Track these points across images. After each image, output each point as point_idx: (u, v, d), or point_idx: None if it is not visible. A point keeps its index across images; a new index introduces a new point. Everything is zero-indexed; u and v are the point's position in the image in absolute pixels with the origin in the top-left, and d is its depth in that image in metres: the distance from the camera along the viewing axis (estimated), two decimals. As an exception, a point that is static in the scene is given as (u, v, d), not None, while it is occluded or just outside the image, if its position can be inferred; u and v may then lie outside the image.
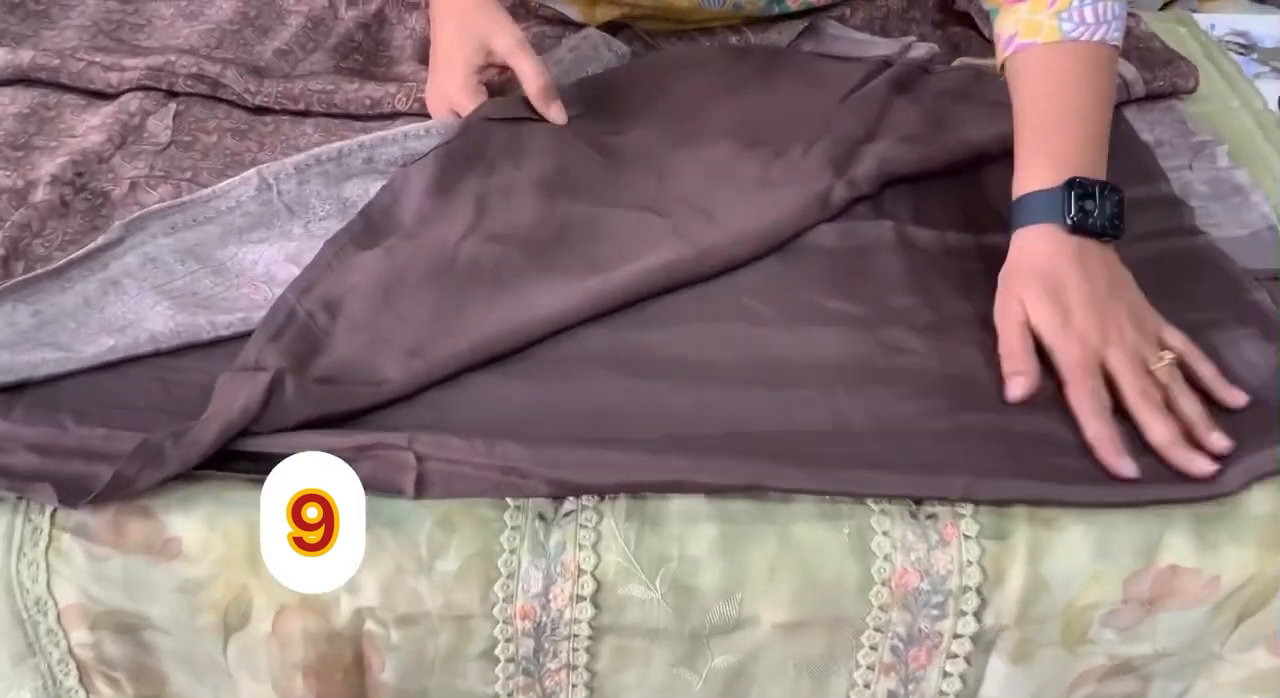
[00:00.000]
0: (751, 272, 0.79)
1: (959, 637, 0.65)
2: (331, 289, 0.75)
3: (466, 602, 0.64)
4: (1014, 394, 0.69)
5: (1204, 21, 1.18)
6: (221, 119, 0.94)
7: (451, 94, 0.91)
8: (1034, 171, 0.76)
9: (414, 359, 0.70)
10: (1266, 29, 1.21)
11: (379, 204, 0.82)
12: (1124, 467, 0.65)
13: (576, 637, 0.65)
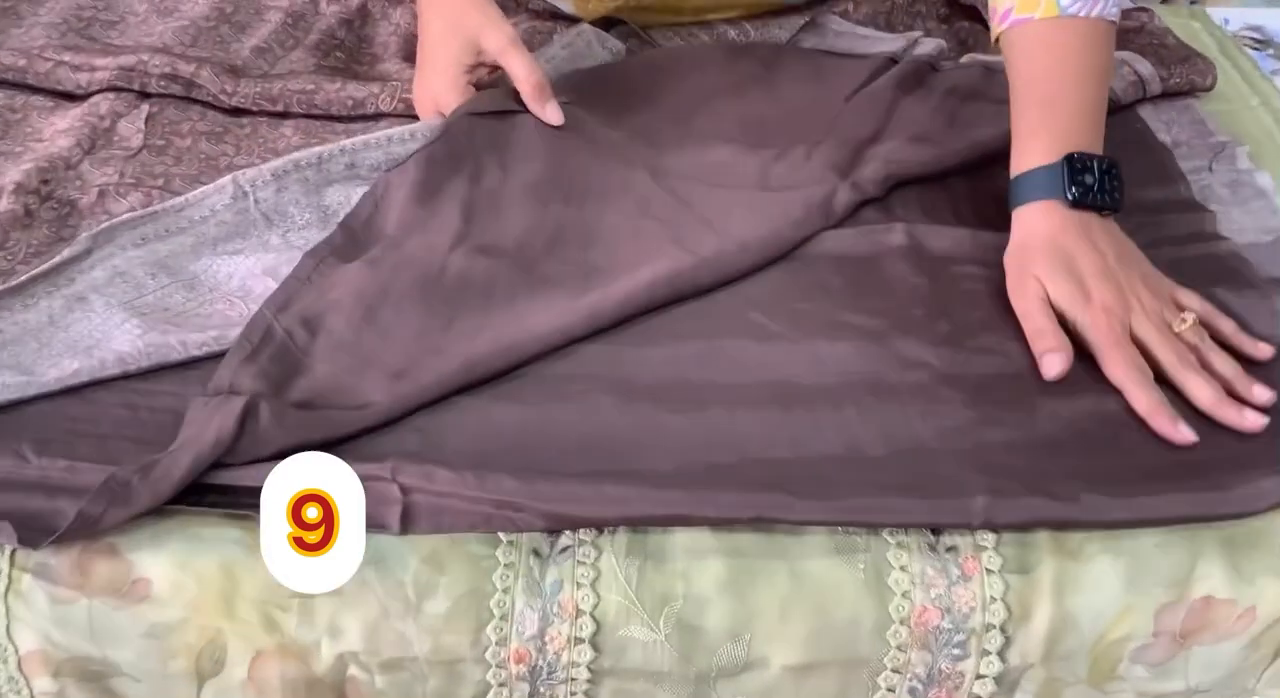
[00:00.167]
0: (756, 282, 0.76)
1: (981, 677, 0.62)
2: (311, 305, 0.72)
3: (456, 645, 0.61)
4: (1051, 372, 0.68)
5: (1216, 16, 1.14)
6: (196, 121, 0.91)
7: (439, 94, 0.88)
8: (1033, 148, 0.76)
9: (399, 381, 0.67)
10: (1283, 23, 1.18)
11: (360, 213, 0.79)
12: (1182, 433, 0.65)
13: (575, 681, 0.62)
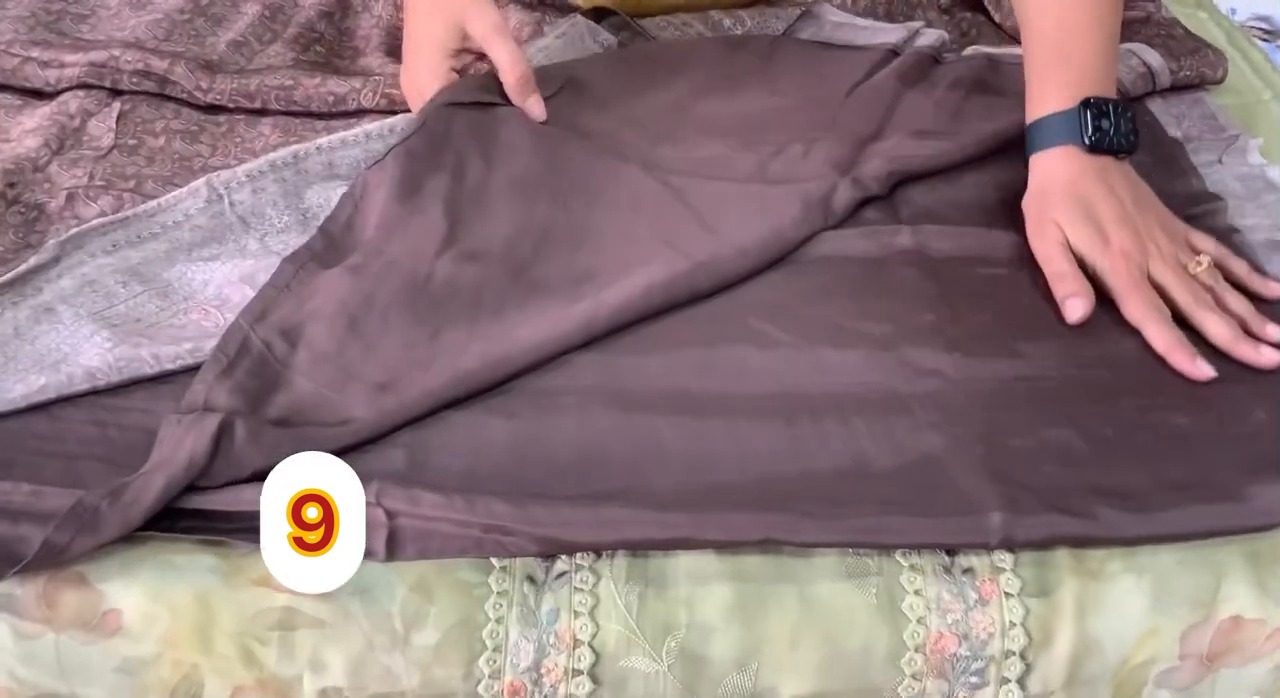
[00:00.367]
0: (757, 287, 0.73)
1: (1000, 706, 0.59)
2: (290, 315, 0.68)
3: (447, 679, 0.58)
4: (1074, 316, 0.70)
5: (1223, 5, 1.11)
6: (170, 120, 0.87)
7: (422, 83, 0.84)
8: (1048, 93, 0.77)
9: (383, 395, 0.63)
10: (1292, 14, 1.15)
11: (339, 216, 0.75)
12: (1200, 369, 0.66)
13: (572, 714, 0.59)
